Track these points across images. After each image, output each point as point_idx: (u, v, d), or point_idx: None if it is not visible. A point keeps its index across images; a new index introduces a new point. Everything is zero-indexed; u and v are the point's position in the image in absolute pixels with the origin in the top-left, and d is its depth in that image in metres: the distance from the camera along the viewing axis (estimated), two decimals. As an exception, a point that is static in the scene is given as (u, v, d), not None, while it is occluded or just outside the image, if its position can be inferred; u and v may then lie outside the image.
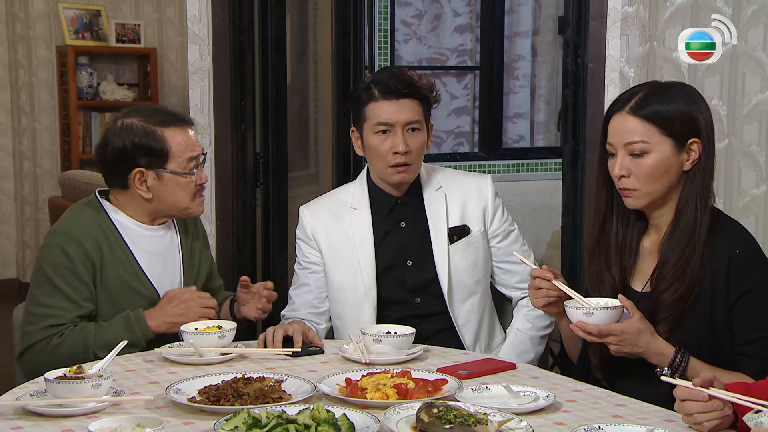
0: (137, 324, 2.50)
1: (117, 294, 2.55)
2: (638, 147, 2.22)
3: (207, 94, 3.71)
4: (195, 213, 2.67)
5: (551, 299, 2.33)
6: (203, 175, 2.63)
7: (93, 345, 2.45)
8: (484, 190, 2.90)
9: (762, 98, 2.85)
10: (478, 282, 2.85)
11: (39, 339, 2.47)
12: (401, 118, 2.74)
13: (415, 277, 2.82)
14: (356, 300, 2.80)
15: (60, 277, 2.49)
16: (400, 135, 2.73)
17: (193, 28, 3.68)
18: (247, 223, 3.86)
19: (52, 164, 6.86)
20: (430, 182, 2.87)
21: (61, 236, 2.54)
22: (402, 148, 2.73)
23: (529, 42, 6.98)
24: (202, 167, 2.63)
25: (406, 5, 6.79)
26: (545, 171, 6.82)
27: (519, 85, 7.03)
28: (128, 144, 2.54)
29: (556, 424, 1.92)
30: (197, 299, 2.56)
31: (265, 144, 3.95)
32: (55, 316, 2.48)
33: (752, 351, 2.19)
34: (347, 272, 2.81)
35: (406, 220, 2.85)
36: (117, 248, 2.57)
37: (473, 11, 6.94)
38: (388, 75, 2.80)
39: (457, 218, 2.84)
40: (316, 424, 1.76)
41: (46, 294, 2.50)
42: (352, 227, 2.83)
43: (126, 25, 6.83)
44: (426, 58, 6.93)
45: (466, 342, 2.79)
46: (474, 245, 2.84)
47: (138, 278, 2.58)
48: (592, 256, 2.38)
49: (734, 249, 2.20)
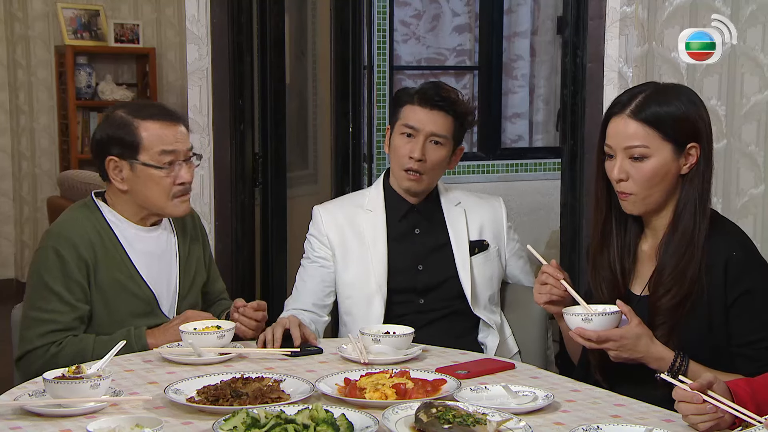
0: (136, 341, 2.48)
1: (112, 295, 2.54)
2: (638, 151, 2.21)
3: (206, 93, 3.71)
4: (173, 213, 2.63)
5: (554, 297, 2.33)
6: (183, 174, 2.58)
7: (90, 357, 2.42)
8: (498, 212, 2.98)
9: (760, 98, 2.86)
10: (492, 297, 2.92)
11: (37, 345, 2.47)
12: (427, 128, 2.80)
13: (425, 281, 2.86)
14: (367, 295, 2.83)
15: (54, 279, 2.49)
16: (421, 142, 2.80)
17: (191, 28, 3.68)
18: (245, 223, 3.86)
19: (50, 164, 6.86)
20: (448, 197, 2.94)
21: (55, 238, 2.54)
22: (417, 155, 2.79)
23: (528, 42, 6.98)
24: (186, 165, 2.59)
25: (404, 5, 6.79)
26: (544, 171, 6.83)
27: (518, 85, 7.03)
28: (104, 135, 2.58)
29: (555, 424, 1.92)
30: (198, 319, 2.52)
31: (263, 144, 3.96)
32: (52, 321, 2.47)
33: (751, 352, 2.19)
34: (358, 269, 2.84)
35: (420, 227, 2.90)
36: (112, 249, 2.57)
37: (472, 11, 6.94)
38: (432, 86, 2.88)
39: (476, 233, 2.92)
40: (315, 424, 1.76)
41: (41, 297, 2.49)
42: (366, 227, 2.88)
43: (125, 25, 6.83)
44: (425, 58, 6.93)
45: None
46: (491, 260, 2.92)
47: (133, 279, 2.58)
48: (595, 258, 2.37)
49: (731, 251, 2.20)
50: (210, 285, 2.82)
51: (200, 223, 2.83)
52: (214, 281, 2.86)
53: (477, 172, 6.75)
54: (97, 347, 2.45)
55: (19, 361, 2.51)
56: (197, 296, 2.73)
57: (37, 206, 6.81)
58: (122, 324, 2.53)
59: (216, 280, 2.87)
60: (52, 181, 6.70)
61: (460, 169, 6.59)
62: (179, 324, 2.48)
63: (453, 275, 2.86)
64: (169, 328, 2.52)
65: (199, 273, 2.75)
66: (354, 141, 4.57)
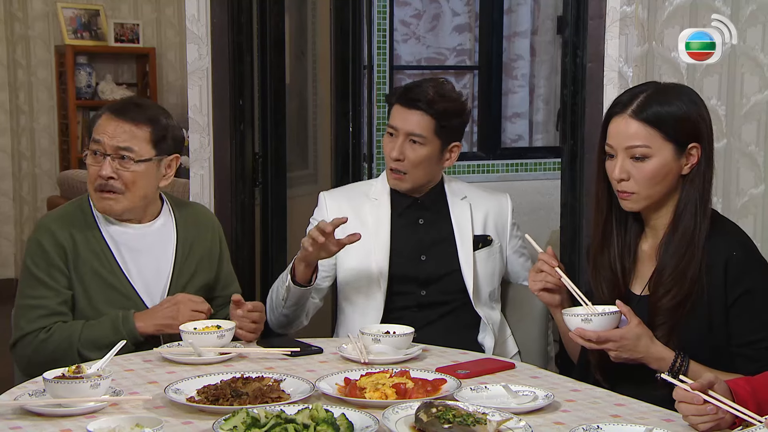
0: (124, 324, 2.51)
1: (91, 286, 2.59)
2: (639, 151, 2.21)
3: (206, 93, 3.71)
4: (96, 207, 2.63)
5: (548, 285, 2.33)
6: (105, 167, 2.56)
7: (78, 341, 2.50)
8: (504, 208, 2.98)
9: (760, 98, 2.86)
10: (492, 293, 2.92)
11: (28, 331, 2.54)
12: (405, 127, 2.80)
13: (427, 272, 2.86)
14: (368, 281, 2.84)
15: (37, 267, 2.57)
16: (400, 142, 2.81)
17: (191, 28, 3.68)
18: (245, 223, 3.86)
19: (50, 164, 6.86)
20: (453, 191, 2.94)
21: (39, 229, 2.63)
22: (394, 155, 2.81)
23: (528, 42, 6.99)
24: (110, 162, 2.57)
25: (404, 5, 6.79)
26: (544, 171, 6.83)
27: (518, 84, 7.04)
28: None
29: (555, 424, 1.92)
30: (188, 302, 2.56)
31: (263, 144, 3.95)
32: (39, 306, 2.55)
33: (751, 352, 2.19)
34: (360, 254, 2.84)
35: (424, 218, 2.91)
36: (93, 241, 2.61)
37: (472, 11, 6.94)
38: (415, 84, 2.87)
39: (480, 228, 2.92)
40: (315, 424, 1.76)
41: (29, 286, 2.58)
42: (370, 214, 2.89)
43: (125, 24, 6.83)
44: (425, 58, 6.93)
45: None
46: (494, 256, 2.93)
47: (114, 273, 2.61)
48: (596, 258, 2.37)
49: (731, 251, 2.20)
50: (220, 290, 2.81)
51: (220, 231, 2.85)
52: (227, 285, 2.84)
53: (477, 172, 6.76)
54: (85, 331, 2.52)
55: (13, 348, 2.59)
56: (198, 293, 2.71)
57: (37, 206, 6.81)
58: (101, 313, 2.57)
59: (228, 285, 2.84)
60: (52, 181, 6.70)
61: (461, 169, 6.60)
62: (169, 307, 2.54)
63: (456, 269, 2.86)
64: (158, 310, 2.56)
65: (200, 272, 2.75)
66: (354, 141, 4.57)
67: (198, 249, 2.75)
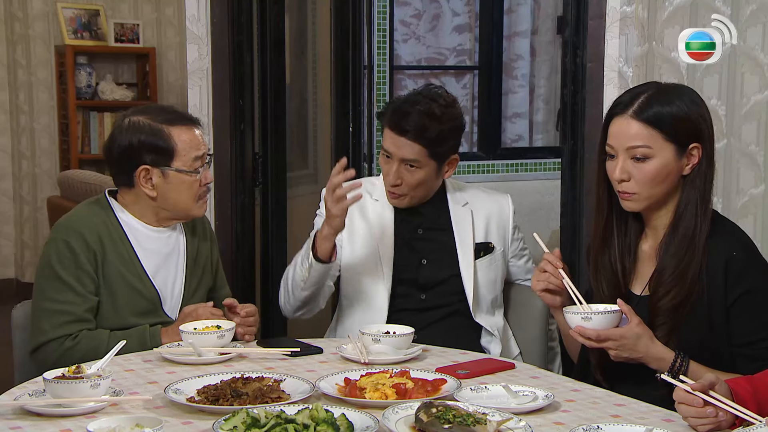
0: (151, 339, 2.49)
1: (118, 291, 2.55)
2: (640, 152, 2.21)
3: (206, 93, 3.71)
4: (197, 215, 2.67)
5: (550, 285, 2.33)
6: (209, 174, 2.63)
7: (105, 353, 2.43)
8: (505, 210, 2.97)
9: (760, 98, 2.86)
10: (495, 300, 2.92)
11: (52, 338, 2.48)
12: (398, 153, 2.78)
13: (426, 276, 2.86)
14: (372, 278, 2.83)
15: (66, 270, 2.50)
16: (396, 167, 2.79)
17: (191, 28, 3.68)
18: (245, 223, 3.86)
19: (50, 164, 6.86)
20: (455, 197, 2.93)
21: (65, 230, 2.55)
22: (392, 181, 2.80)
23: (528, 42, 6.99)
24: (207, 167, 2.63)
25: (404, 5, 6.79)
26: (544, 171, 6.83)
27: (518, 84, 7.04)
28: (134, 141, 2.55)
29: (555, 424, 1.92)
30: (210, 315, 2.53)
31: (263, 144, 3.95)
32: (65, 312, 2.48)
33: (751, 352, 2.19)
34: (365, 251, 2.85)
35: (424, 224, 2.90)
36: (120, 246, 2.57)
37: (472, 11, 6.94)
38: (402, 111, 2.77)
39: (482, 235, 2.91)
40: (315, 424, 1.76)
41: (54, 288, 2.50)
42: (373, 214, 2.88)
43: (125, 24, 6.83)
44: (425, 58, 6.93)
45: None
46: (495, 263, 2.92)
47: (139, 277, 2.58)
48: (596, 258, 2.37)
49: (731, 251, 2.20)
50: (215, 291, 2.81)
51: (209, 227, 2.84)
52: (220, 287, 2.84)
53: (477, 172, 6.76)
54: (112, 343, 2.43)
55: (34, 353, 2.51)
56: (203, 299, 2.72)
57: (37, 206, 6.81)
58: (125, 320, 2.54)
59: (222, 286, 2.85)
60: (52, 180, 6.70)
61: (461, 169, 6.59)
62: (180, 321, 2.51)
63: (455, 274, 2.85)
64: (178, 325, 2.51)
65: (206, 275, 2.75)
66: (354, 141, 4.57)
67: (202, 250, 2.75)
